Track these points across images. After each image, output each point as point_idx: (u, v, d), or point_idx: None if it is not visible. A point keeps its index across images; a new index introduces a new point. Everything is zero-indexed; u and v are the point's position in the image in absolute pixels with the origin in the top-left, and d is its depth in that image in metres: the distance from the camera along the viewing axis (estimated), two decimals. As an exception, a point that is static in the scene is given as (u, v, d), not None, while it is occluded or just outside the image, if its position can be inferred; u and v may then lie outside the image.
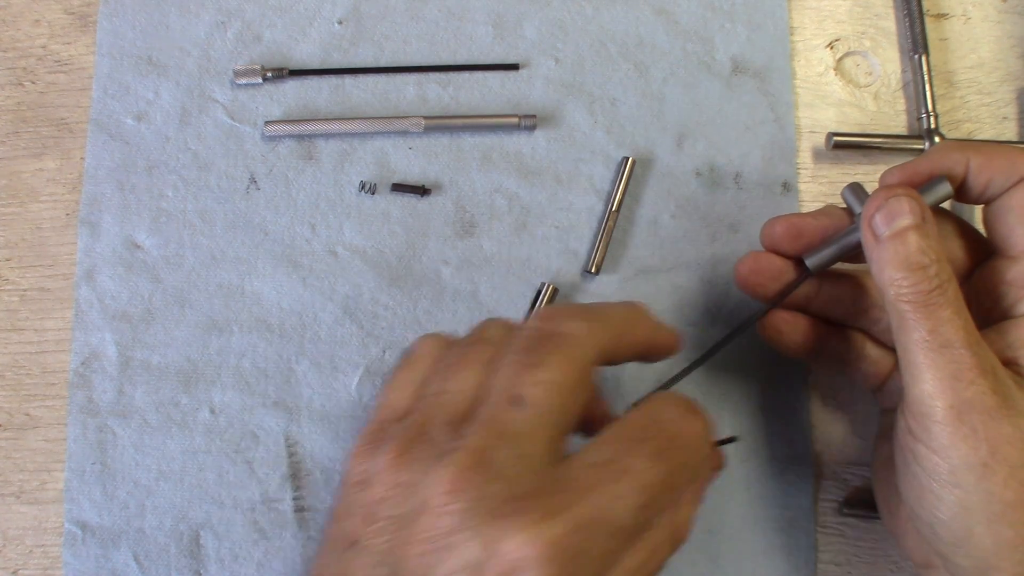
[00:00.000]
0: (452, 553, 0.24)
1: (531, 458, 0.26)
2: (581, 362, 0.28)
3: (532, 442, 0.26)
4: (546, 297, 0.39)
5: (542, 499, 0.25)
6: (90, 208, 0.40)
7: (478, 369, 0.29)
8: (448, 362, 0.30)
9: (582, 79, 0.42)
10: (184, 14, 0.42)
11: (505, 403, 0.27)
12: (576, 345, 0.28)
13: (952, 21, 0.44)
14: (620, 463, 0.26)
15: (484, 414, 0.27)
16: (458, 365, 0.29)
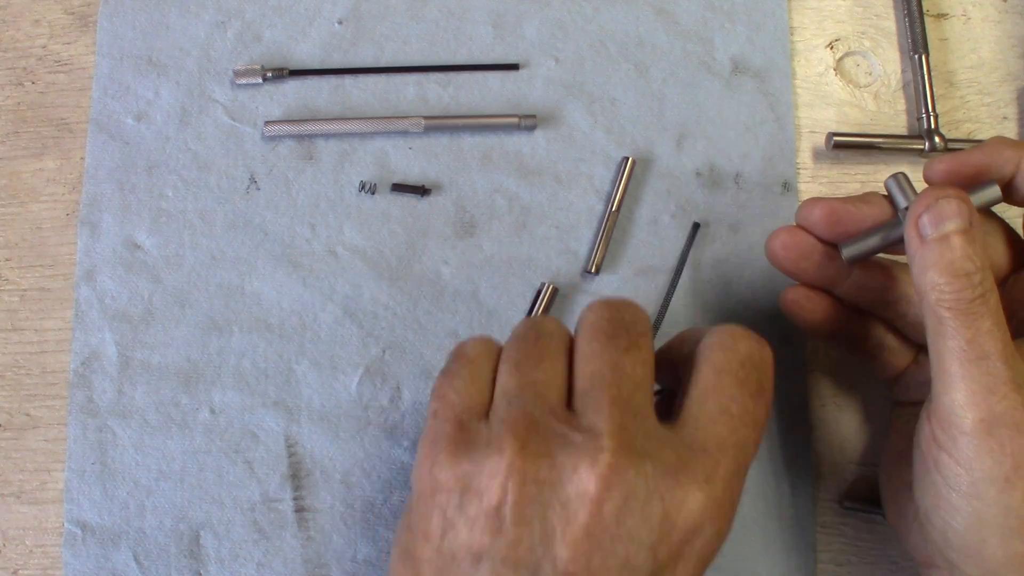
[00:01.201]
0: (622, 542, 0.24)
1: (656, 431, 0.27)
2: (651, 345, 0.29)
3: (648, 417, 0.27)
4: (546, 297, 0.39)
5: (692, 467, 0.26)
6: (90, 208, 0.40)
7: (556, 359, 0.29)
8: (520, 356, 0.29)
9: (582, 79, 0.42)
10: (184, 14, 0.42)
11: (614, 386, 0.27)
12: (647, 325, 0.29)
13: (952, 21, 0.44)
14: (734, 409, 0.27)
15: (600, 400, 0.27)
16: (536, 356, 0.29)
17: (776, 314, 0.40)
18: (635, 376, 0.27)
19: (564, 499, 0.25)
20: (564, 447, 0.25)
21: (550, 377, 0.28)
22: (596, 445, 0.25)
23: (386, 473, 0.38)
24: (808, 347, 0.41)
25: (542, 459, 0.25)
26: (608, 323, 0.29)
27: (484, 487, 0.25)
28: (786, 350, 0.40)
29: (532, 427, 0.26)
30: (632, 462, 0.25)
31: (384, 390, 0.39)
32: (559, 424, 0.26)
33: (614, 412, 0.26)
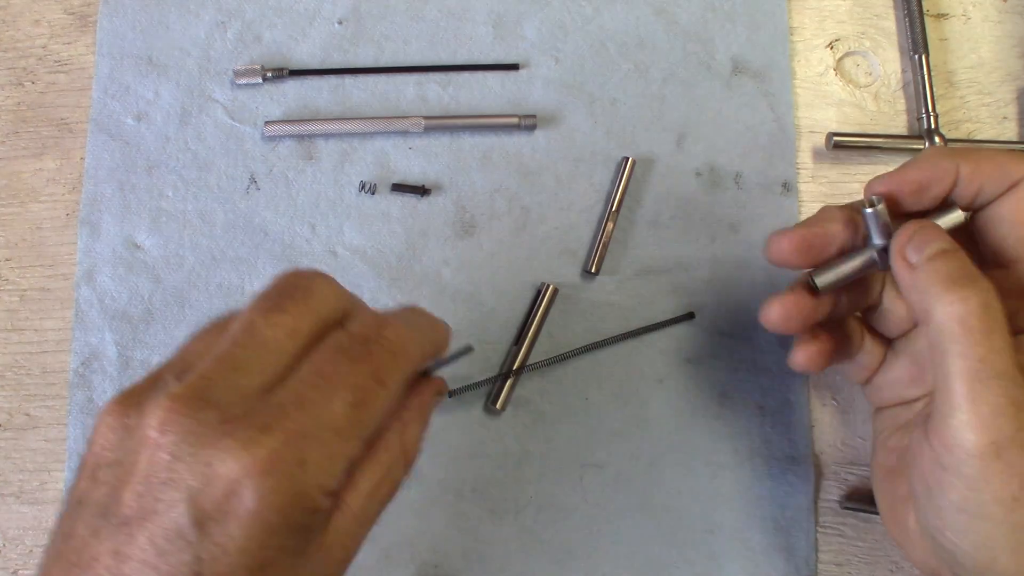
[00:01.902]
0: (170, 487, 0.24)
1: (247, 389, 0.26)
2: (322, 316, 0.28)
3: (251, 375, 0.26)
4: (546, 297, 0.39)
5: (253, 418, 0.25)
6: (90, 208, 0.40)
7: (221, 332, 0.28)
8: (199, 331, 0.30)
9: (582, 79, 0.42)
10: (184, 14, 0.42)
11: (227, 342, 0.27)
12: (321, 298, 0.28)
13: (952, 21, 0.44)
14: (323, 372, 0.26)
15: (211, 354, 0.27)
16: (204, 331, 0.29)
17: (776, 314, 0.40)
18: (263, 335, 0.26)
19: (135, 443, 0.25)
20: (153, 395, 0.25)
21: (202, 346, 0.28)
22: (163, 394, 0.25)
23: (386, 473, 0.38)
24: (808, 347, 0.41)
25: (131, 407, 0.25)
26: (271, 286, 0.29)
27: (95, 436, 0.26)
28: (786, 350, 0.40)
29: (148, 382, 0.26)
30: (193, 408, 0.24)
31: (384, 390, 0.39)
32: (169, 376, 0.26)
33: (210, 364, 0.26)
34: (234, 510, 0.23)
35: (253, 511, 0.23)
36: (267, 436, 0.24)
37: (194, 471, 0.24)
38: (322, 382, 0.26)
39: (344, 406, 0.26)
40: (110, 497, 0.24)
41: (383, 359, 0.28)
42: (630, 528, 0.39)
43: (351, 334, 0.28)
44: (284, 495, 0.24)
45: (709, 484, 0.39)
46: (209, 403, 0.25)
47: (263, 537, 0.24)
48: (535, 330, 0.39)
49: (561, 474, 0.39)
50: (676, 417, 0.39)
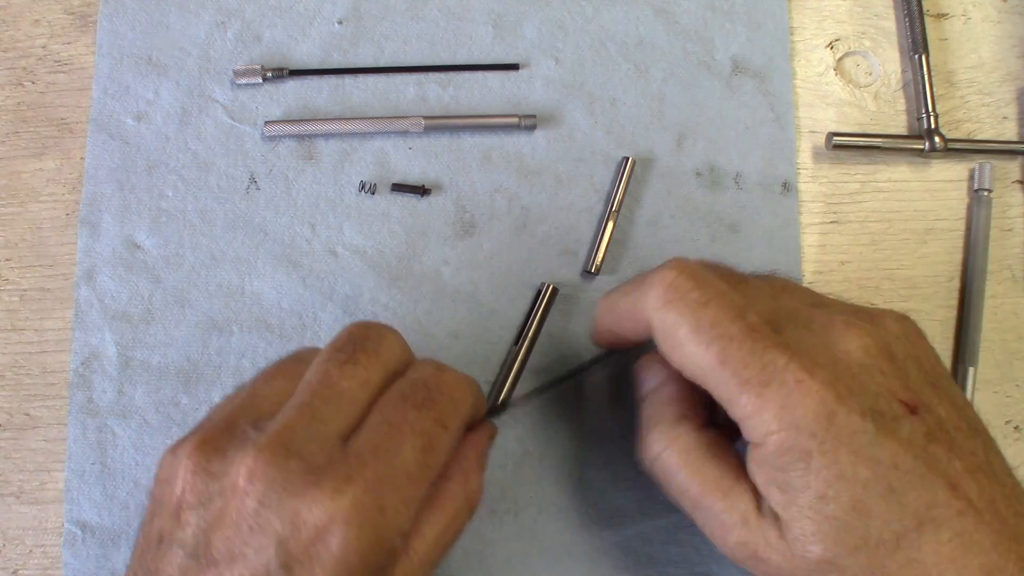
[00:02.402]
0: (258, 533, 0.25)
1: (326, 438, 0.27)
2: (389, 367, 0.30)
3: (328, 424, 0.28)
4: (546, 297, 0.39)
5: (336, 468, 0.26)
6: (90, 208, 0.40)
7: (291, 379, 0.30)
8: (262, 374, 0.31)
9: (582, 79, 0.42)
10: (184, 14, 0.42)
11: (306, 392, 0.28)
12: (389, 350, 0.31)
13: (952, 21, 0.44)
14: (392, 420, 0.28)
15: (290, 404, 0.28)
16: (271, 374, 0.31)
17: (776, 314, 0.40)
18: (339, 387, 0.29)
19: (222, 489, 0.26)
20: (238, 444, 0.27)
21: (274, 392, 0.30)
22: (255, 442, 0.27)
23: (386, 473, 0.38)
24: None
25: (215, 453, 0.27)
26: (343, 337, 0.31)
27: (173, 478, 0.28)
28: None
29: (222, 426, 0.28)
30: (277, 457, 0.26)
31: (384, 390, 0.39)
32: (247, 426, 0.28)
33: (291, 414, 0.28)
34: (320, 555, 0.25)
35: (338, 556, 0.25)
36: (350, 485, 0.26)
37: (282, 518, 0.25)
38: (393, 431, 0.28)
39: (414, 452, 0.28)
40: (198, 539, 0.26)
41: (444, 405, 0.30)
42: (630, 528, 0.39)
43: (413, 382, 0.30)
44: (366, 540, 0.26)
45: (709, 484, 0.39)
46: (293, 453, 0.26)
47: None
48: (535, 330, 0.39)
49: (561, 474, 0.39)
50: (676, 417, 0.39)
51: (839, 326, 0.29)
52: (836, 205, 0.42)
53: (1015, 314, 0.42)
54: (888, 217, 0.42)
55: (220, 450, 0.27)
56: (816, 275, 0.41)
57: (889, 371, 0.28)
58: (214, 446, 0.27)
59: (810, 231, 0.42)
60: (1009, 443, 0.40)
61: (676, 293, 0.30)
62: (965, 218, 0.42)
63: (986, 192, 0.42)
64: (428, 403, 0.29)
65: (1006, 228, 0.42)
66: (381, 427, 0.28)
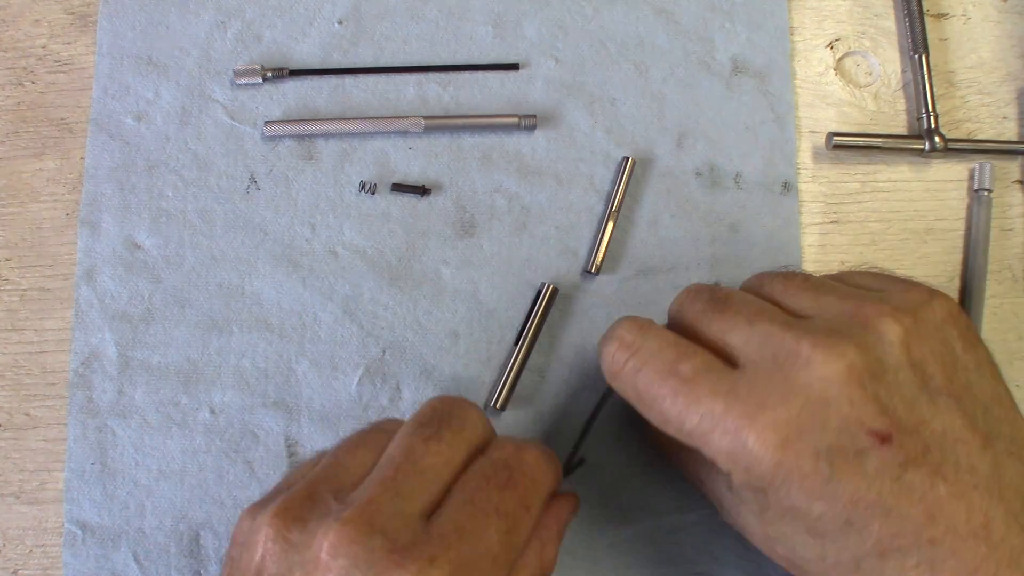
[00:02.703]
0: None
1: (410, 516, 0.27)
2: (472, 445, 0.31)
3: (412, 501, 0.28)
4: (546, 297, 0.39)
5: (421, 548, 0.26)
6: (90, 208, 0.40)
7: (373, 449, 0.30)
8: (345, 444, 0.31)
9: (582, 79, 0.42)
10: (184, 14, 0.42)
11: (390, 467, 0.28)
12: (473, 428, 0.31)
13: (952, 21, 0.44)
14: (476, 500, 0.28)
15: (374, 477, 0.28)
16: (355, 446, 0.31)
17: (776, 314, 0.40)
18: (423, 463, 0.29)
19: (303, 561, 0.26)
20: (320, 515, 0.27)
21: (356, 463, 0.30)
22: (338, 516, 0.27)
23: (386, 473, 0.38)
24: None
25: (296, 522, 0.27)
26: (427, 412, 0.31)
27: (253, 543, 0.27)
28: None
29: (305, 496, 0.28)
30: (362, 534, 0.26)
31: (384, 390, 0.39)
32: (329, 496, 0.28)
33: (374, 489, 0.28)
34: None
35: None
36: (435, 568, 0.26)
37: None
38: (477, 512, 0.28)
39: (498, 534, 0.28)
40: None
41: (526, 486, 0.30)
42: (630, 528, 0.39)
43: (495, 461, 0.30)
44: None
45: (709, 484, 0.39)
46: (377, 530, 0.26)
47: None
48: (535, 330, 0.39)
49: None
50: (676, 417, 0.39)
51: (805, 353, 0.27)
52: (836, 205, 0.42)
53: (1015, 314, 0.42)
54: (888, 217, 0.42)
55: (302, 520, 0.27)
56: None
57: (860, 399, 0.27)
58: (295, 515, 0.27)
59: (810, 231, 0.42)
60: (1009, 443, 0.40)
61: (616, 367, 0.31)
62: (965, 218, 0.42)
63: (986, 192, 0.42)
64: (511, 484, 0.29)
65: (1006, 228, 0.42)
66: (465, 508, 0.28)
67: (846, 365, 0.27)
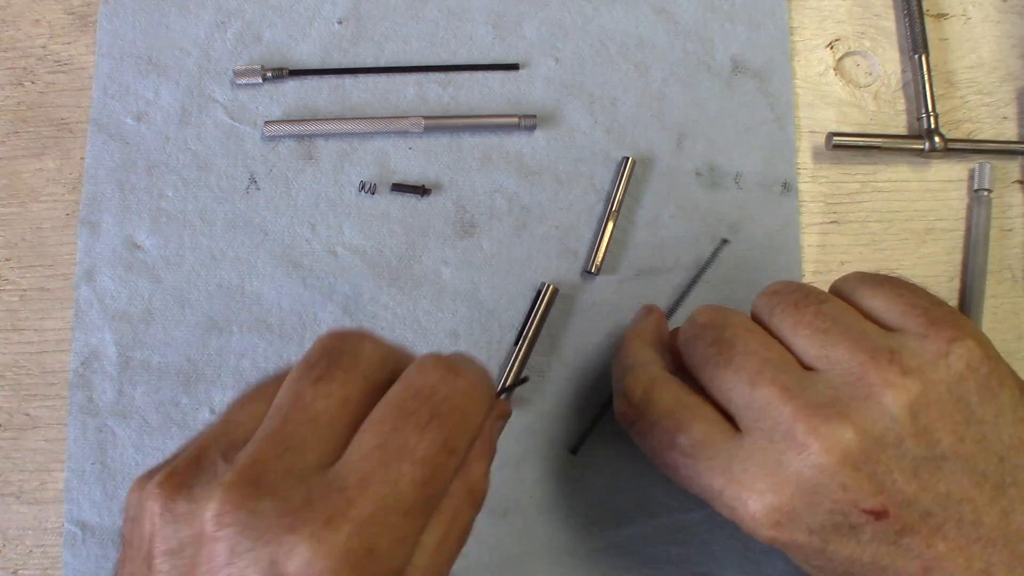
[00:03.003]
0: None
1: (303, 471, 0.24)
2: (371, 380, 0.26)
3: (305, 454, 0.24)
4: (546, 297, 0.39)
5: (318, 506, 0.23)
6: (90, 208, 0.40)
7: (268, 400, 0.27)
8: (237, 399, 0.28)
9: (582, 79, 0.42)
10: (184, 14, 0.42)
11: (277, 418, 0.25)
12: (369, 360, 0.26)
13: (952, 21, 0.44)
14: (388, 445, 0.24)
15: (259, 432, 0.25)
16: (248, 399, 0.28)
17: (776, 314, 0.40)
18: (313, 409, 0.25)
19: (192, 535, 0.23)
20: (206, 480, 0.24)
21: (250, 417, 0.26)
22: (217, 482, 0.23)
23: (386, 473, 0.38)
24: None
25: (181, 490, 0.24)
26: (315, 351, 0.27)
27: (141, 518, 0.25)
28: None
29: (192, 459, 0.25)
30: (248, 497, 0.23)
31: (384, 390, 0.39)
32: (220, 459, 0.24)
33: (260, 445, 0.24)
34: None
35: None
36: (332, 530, 0.22)
37: (257, 567, 0.22)
38: (387, 458, 0.24)
39: (412, 485, 0.24)
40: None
41: (454, 424, 0.25)
42: (630, 528, 0.39)
43: (416, 392, 0.25)
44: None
45: (709, 484, 0.39)
46: (265, 491, 0.23)
47: None
48: (535, 330, 0.39)
49: (561, 474, 0.39)
50: (676, 417, 0.40)
51: (800, 438, 0.27)
52: (836, 205, 0.42)
53: (1015, 314, 0.42)
54: (888, 217, 0.42)
55: (186, 487, 0.24)
56: (816, 275, 0.41)
57: (853, 482, 0.27)
58: (180, 482, 0.24)
59: (810, 231, 0.42)
60: (1009, 443, 0.40)
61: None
62: (965, 218, 0.42)
63: (986, 192, 0.42)
64: (434, 423, 0.25)
65: (1006, 228, 0.42)
66: (372, 454, 0.24)
67: (841, 452, 0.27)
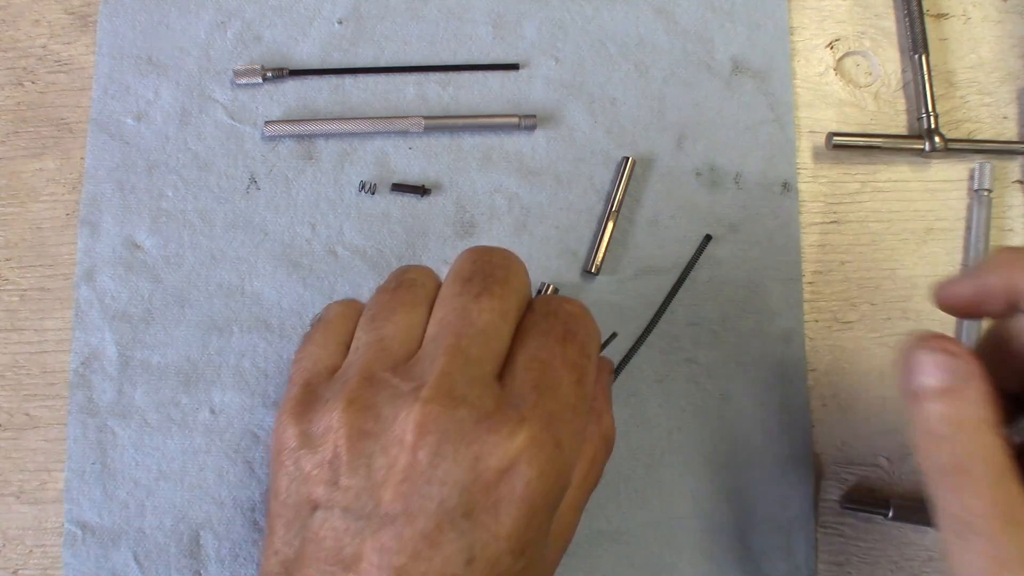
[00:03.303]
0: (436, 485, 0.25)
1: (484, 379, 0.27)
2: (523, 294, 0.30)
3: (483, 364, 0.27)
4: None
5: (507, 411, 0.26)
6: (90, 208, 0.40)
7: (412, 310, 0.29)
8: (375, 312, 0.30)
9: (582, 79, 0.42)
10: (184, 14, 0.42)
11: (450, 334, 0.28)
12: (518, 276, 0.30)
13: (952, 21, 0.44)
14: (542, 356, 0.28)
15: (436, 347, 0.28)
16: (391, 308, 0.30)
17: (776, 313, 0.40)
18: (480, 323, 0.28)
19: (386, 446, 0.26)
20: (391, 399, 0.26)
21: (400, 329, 0.29)
22: (416, 395, 0.26)
23: (386, 473, 0.38)
24: (808, 347, 0.41)
25: (368, 412, 0.26)
26: (469, 268, 0.29)
27: (319, 443, 0.27)
28: (786, 350, 0.40)
29: (365, 382, 0.27)
30: (446, 408, 0.26)
31: (384, 390, 0.39)
32: (393, 377, 0.27)
33: (445, 360, 0.27)
34: (505, 497, 0.25)
35: (523, 496, 0.25)
36: (525, 425, 0.25)
37: (461, 467, 0.25)
38: (547, 367, 0.27)
39: (570, 385, 0.27)
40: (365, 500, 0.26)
41: (582, 336, 0.29)
42: (629, 528, 0.39)
43: (547, 315, 0.29)
44: (549, 476, 0.25)
45: (709, 484, 0.39)
46: (460, 401, 0.26)
47: (529, 519, 0.25)
48: (535, 330, 0.39)
49: (561, 474, 0.39)
50: (676, 417, 0.40)
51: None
52: (836, 205, 0.42)
53: (1015, 314, 0.42)
54: (888, 217, 0.42)
55: (373, 407, 0.26)
56: (816, 275, 0.41)
57: None
58: (365, 404, 0.27)
59: (810, 231, 0.42)
60: (1009, 443, 0.40)
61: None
62: (965, 218, 0.42)
63: (986, 192, 0.42)
64: (569, 335, 0.28)
65: (1006, 228, 0.42)
66: (534, 364, 0.27)
67: None
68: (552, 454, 0.26)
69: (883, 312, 0.41)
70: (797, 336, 0.40)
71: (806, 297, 0.41)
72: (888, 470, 0.40)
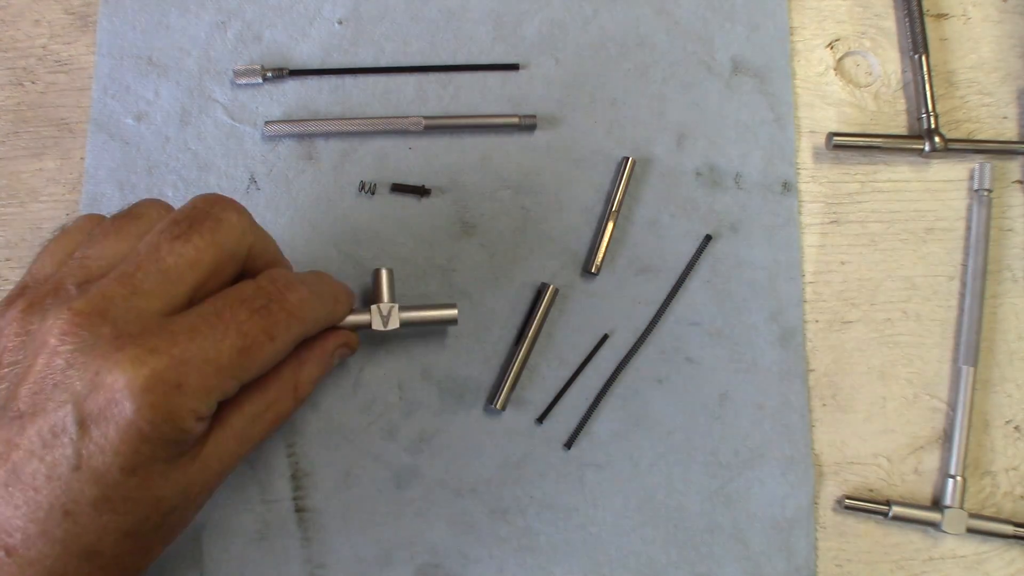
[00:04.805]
0: (60, 389, 0.26)
1: (144, 312, 0.28)
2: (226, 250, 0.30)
3: (150, 299, 0.28)
4: (546, 297, 0.39)
5: (146, 339, 0.27)
6: (90, 208, 0.40)
7: (123, 240, 0.30)
8: (98, 232, 0.31)
9: (582, 79, 0.42)
10: (184, 14, 0.42)
11: (132, 263, 0.29)
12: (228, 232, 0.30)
13: (952, 21, 0.44)
14: (221, 313, 0.29)
15: (115, 272, 0.29)
16: (106, 235, 0.31)
17: (775, 314, 0.40)
18: (166, 263, 0.29)
19: (36, 346, 0.27)
20: (59, 304, 0.28)
21: (105, 254, 0.30)
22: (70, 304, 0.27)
23: (385, 473, 0.38)
24: (808, 347, 0.41)
25: (36, 313, 0.28)
26: (185, 209, 0.30)
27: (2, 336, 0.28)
28: (786, 350, 0.40)
29: (51, 292, 0.29)
30: (91, 322, 0.27)
31: (384, 390, 0.39)
32: (73, 288, 0.28)
33: (110, 283, 0.28)
34: (113, 416, 0.26)
35: (129, 420, 0.26)
36: (153, 357, 0.27)
37: (83, 378, 0.26)
38: (216, 321, 0.28)
39: (231, 348, 0.28)
40: (9, 393, 0.27)
41: (279, 318, 0.30)
42: (630, 528, 0.39)
43: (258, 287, 0.30)
44: (158, 411, 0.26)
45: (709, 484, 0.39)
46: (106, 319, 0.27)
47: (136, 443, 0.26)
48: (535, 330, 0.39)
49: (561, 474, 0.39)
50: (676, 417, 0.40)
51: None
52: (836, 205, 0.42)
53: (1015, 314, 0.42)
54: (888, 217, 0.42)
55: (41, 309, 0.28)
56: (816, 275, 0.41)
57: None
58: (37, 308, 0.28)
59: (810, 231, 0.42)
60: (1009, 443, 0.40)
61: None
62: (965, 218, 0.42)
63: (986, 192, 0.42)
64: (263, 311, 0.29)
65: (1006, 228, 0.42)
66: (206, 316, 0.28)
67: None
68: (168, 392, 0.27)
69: (883, 312, 0.41)
70: (797, 336, 0.40)
71: (806, 297, 0.41)
72: (888, 470, 0.40)
